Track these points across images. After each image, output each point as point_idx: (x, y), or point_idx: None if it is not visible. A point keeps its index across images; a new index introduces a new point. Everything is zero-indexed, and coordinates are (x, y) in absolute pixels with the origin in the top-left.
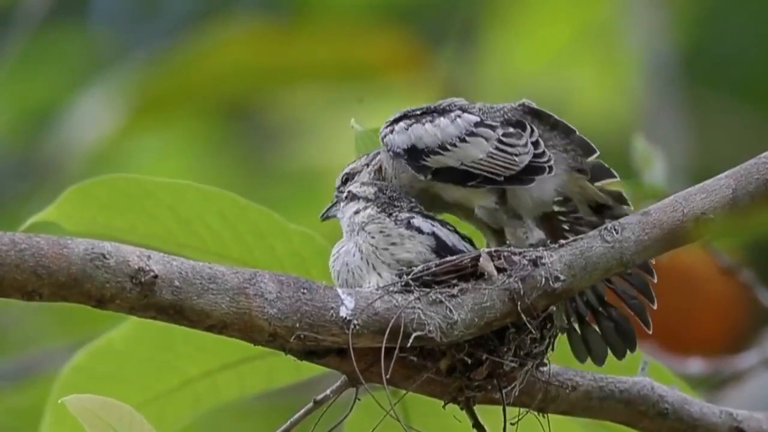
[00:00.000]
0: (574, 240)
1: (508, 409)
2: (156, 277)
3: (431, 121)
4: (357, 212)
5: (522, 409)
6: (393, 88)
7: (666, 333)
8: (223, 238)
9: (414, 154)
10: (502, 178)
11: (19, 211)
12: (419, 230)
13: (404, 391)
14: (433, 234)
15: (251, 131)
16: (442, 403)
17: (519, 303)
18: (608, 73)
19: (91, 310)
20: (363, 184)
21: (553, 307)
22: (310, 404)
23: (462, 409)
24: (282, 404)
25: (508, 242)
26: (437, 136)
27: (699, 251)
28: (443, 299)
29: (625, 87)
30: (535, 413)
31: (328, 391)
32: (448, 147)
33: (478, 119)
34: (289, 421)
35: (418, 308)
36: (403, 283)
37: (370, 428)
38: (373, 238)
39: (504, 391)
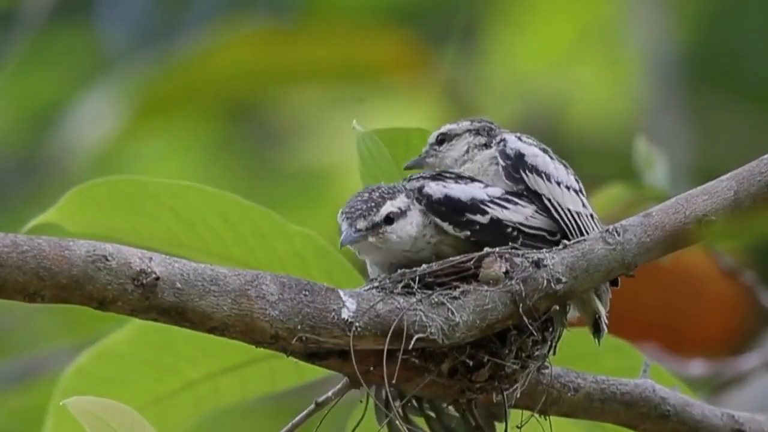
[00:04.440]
0: (577, 242)
1: (510, 411)
2: (158, 279)
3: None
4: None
5: (524, 411)
6: (395, 89)
7: (668, 334)
8: (224, 240)
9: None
10: None
11: (21, 211)
12: None
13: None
14: None
15: (254, 132)
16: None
17: (521, 305)
18: (611, 73)
19: (94, 311)
20: None
21: (556, 306)
22: (312, 406)
23: (464, 410)
24: (284, 406)
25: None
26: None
27: (701, 253)
28: (445, 301)
29: (627, 87)
30: (537, 415)
31: (329, 393)
32: None
33: None
34: (290, 423)
35: (420, 310)
36: (404, 285)
37: (372, 429)
38: None
39: (506, 393)
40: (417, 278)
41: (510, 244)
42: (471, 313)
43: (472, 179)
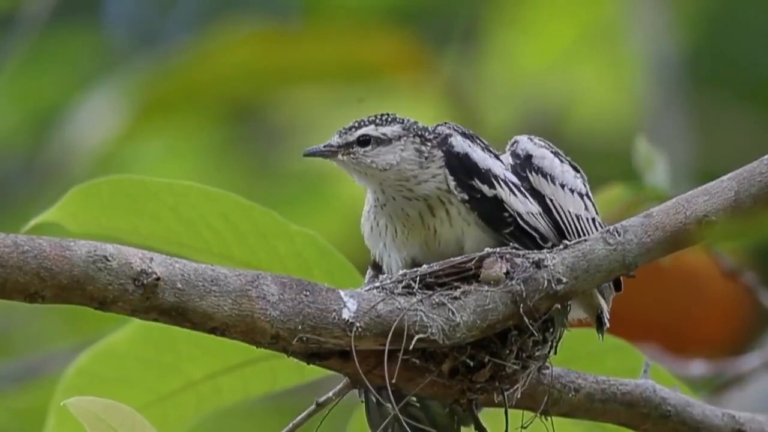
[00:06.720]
0: (578, 242)
1: (510, 411)
2: (158, 279)
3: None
4: None
5: (525, 412)
6: (397, 89)
7: (668, 335)
8: (225, 239)
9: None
10: None
11: (23, 212)
12: None
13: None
14: None
15: (255, 132)
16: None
17: (521, 305)
18: (612, 74)
19: (95, 311)
20: None
21: (558, 306)
22: (313, 406)
23: (464, 411)
24: (285, 406)
25: None
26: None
27: (701, 253)
28: (446, 301)
29: (629, 87)
30: (539, 416)
31: (330, 393)
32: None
33: None
34: (291, 423)
35: (421, 310)
36: (404, 285)
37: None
38: None
39: (506, 393)
40: (418, 278)
41: (501, 229)
42: (472, 314)
43: (498, 158)
